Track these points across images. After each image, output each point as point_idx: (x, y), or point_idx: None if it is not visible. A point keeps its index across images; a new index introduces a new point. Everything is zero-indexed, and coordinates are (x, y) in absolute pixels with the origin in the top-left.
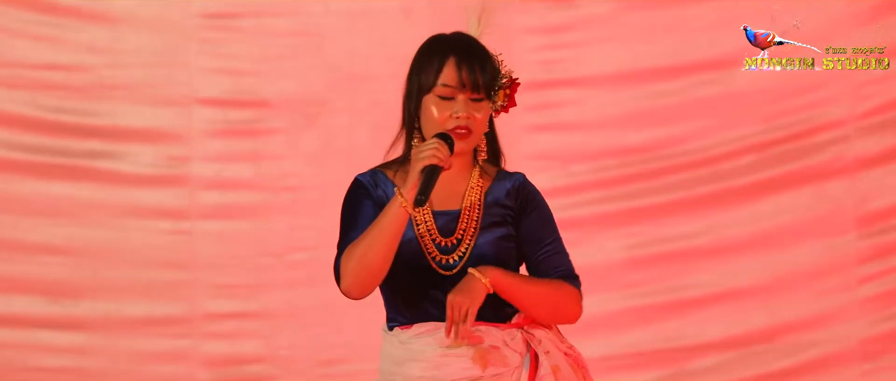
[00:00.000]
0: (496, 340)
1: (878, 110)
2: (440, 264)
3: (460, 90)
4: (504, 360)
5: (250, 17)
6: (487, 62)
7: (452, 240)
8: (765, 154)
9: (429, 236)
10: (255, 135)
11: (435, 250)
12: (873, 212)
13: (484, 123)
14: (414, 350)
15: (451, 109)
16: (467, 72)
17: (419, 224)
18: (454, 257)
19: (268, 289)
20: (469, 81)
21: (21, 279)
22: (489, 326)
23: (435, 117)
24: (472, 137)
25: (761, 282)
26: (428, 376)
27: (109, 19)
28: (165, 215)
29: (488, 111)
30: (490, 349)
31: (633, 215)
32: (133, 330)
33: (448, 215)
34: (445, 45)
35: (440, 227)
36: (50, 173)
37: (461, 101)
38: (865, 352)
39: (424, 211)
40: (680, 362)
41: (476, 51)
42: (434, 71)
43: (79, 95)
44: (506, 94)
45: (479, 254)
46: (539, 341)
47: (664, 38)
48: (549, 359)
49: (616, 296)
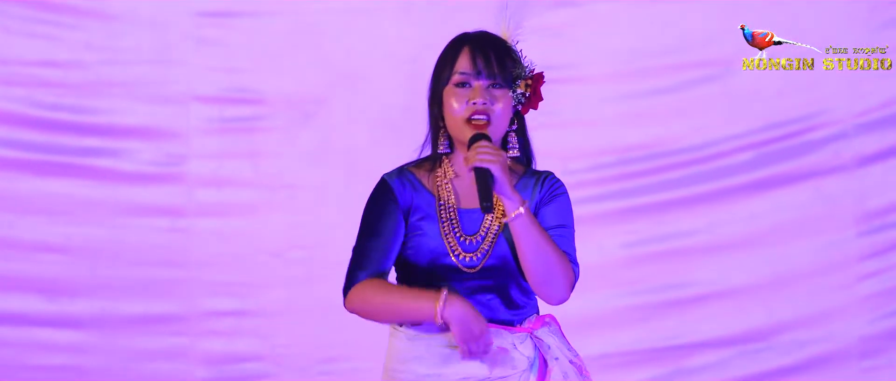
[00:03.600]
0: (505, 342)
1: (877, 108)
2: (462, 261)
3: (475, 77)
4: (511, 362)
5: (247, 15)
6: (503, 50)
7: (476, 238)
8: (763, 151)
9: (452, 234)
10: (253, 133)
11: (458, 248)
12: (872, 209)
13: (505, 115)
14: (420, 348)
15: (468, 96)
16: (482, 58)
17: (444, 222)
18: (476, 255)
19: (265, 287)
20: (484, 67)
21: (18, 277)
22: (499, 328)
23: (454, 107)
24: (491, 127)
25: (760, 280)
26: (434, 374)
27: (106, 16)
28: (163, 213)
29: (510, 102)
30: (498, 350)
31: (632, 213)
32: (130, 328)
33: (473, 213)
34: (461, 37)
35: (464, 224)
36: (47, 171)
37: (477, 88)
38: (864, 349)
39: (450, 209)
40: (679, 359)
41: (491, 39)
42: (450, 63)
43: (76, 93)
44: (527, 84)
45: (502, 253)
46: (548, 347)
47: (662, 36)
48: (559, 366)
49: (614, 294)
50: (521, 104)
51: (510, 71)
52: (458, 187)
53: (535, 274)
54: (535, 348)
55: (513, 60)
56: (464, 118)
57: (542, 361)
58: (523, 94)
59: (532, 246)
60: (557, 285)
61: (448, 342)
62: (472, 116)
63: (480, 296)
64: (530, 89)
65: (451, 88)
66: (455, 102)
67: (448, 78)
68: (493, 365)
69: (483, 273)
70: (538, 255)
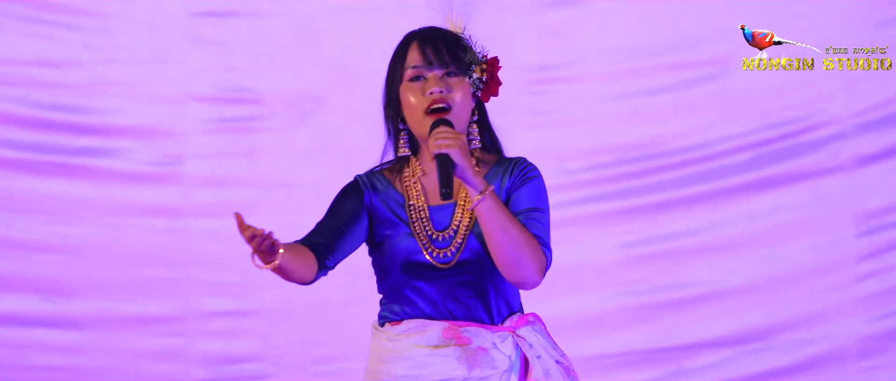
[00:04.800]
0: (485, 342)
1: (875, 107)
2: (435, 257)
3: (428, 68)
4: (491, 362)
5: (244, 14)
6: (452, 38)
7: (447, 233)
8: (761, 151)
9: (424, 232)
10: (250, 132)
11: (430, 244)
12: (870, 210)
13: (465, 103)
14: (400, 348)
15: (423, 88)
16: (431, 48)
17: (415, 221)
18: (449, 250)
19: (263, 287)
20: (435, 56)
21: (15, 277)
22: (479, 327)
23: (412, 102)
24: (452, 115)
25: (758, 280)
26: (412, 375)
27: (103, 16)
28: (160, 213)
29: (468, 89)
30: (477, 350)
31: (630, 213)
32: (128, 328)
33: (444, 209)
34: (408, 35)
35: (435, 220)
36: (44, 171)
37: (432, 78)
38: (863, 350)
39: (419, 205)
40: (677, 360)
41: (438, 30)
42: (401, 60)
43: (73, 92)
44: (483, 69)
45: (475, 246)
46: (530, 345)
47: (660, 35)
48: (541, 364)
49: (612, 294)
50: (480, 90)
51: (462, 58)
52: (427, 185)
53: (503, 259)
54: (517, 347)
55: (463, 47)
56: (423, 110)
57: (524, 361)
58: (480, 79)
59: (498, 231)
60: (526, 270)
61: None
62: (431, 106)
63: (459, 293)
64: (486, 74)
65: (406, 84)
66: (412, 97)
67: (401, 75)
68: (472, 366)
69: (459, 268)
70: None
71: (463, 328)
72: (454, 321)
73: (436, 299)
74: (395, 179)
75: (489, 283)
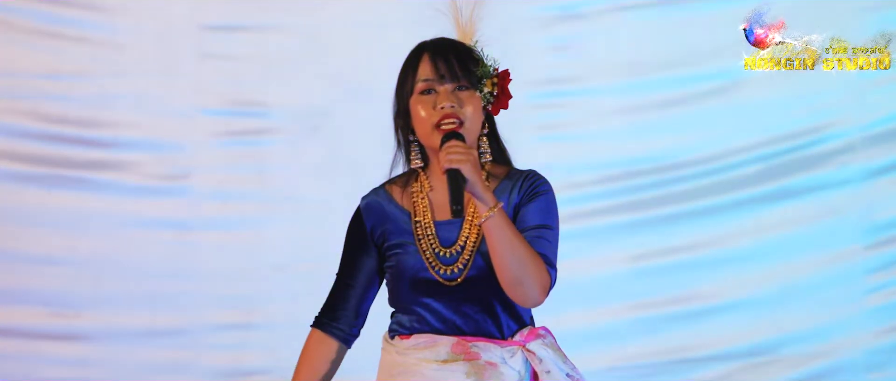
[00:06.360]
0: (494, 356)
1: (884, 120)
2: (442, 274)
3: (440, 82)
4: (500, 377)
5: (253, 28)
6: (464, 51)
7: (454, 250)
8: (770, 164)
9: (430, 249)
10: (258, 146)
11: (436, 261)
12: (879, 222)
13: (476, 117)
14: (409, 362)
15: (434, 102)
16: (443, 62)
17: (421, 238)
18: (456, 267)
19: (271, 300)
20: (446, 70)
21: (23, 290)
22: (488, 342)
23: (422, 116)
24: (464, 130)
25: (767, 292)
26: None
27: (113, 29)
28: (168, 226)
29: (479, 103)
30: (486, 365)
31: (639, 226)
32: (135, 341)
33: (450, 225)
34: (419, 46)
35: (442, 238)
36: (52, 184)
37: (443, 92)
38: (871, 362)
39: (425, 222)
40: (686, 373)
41: (450, 42)
42: (412, 72)
43: (81, 106)
44: (494, 82)
45: (483, 264)
46: (540, 360)
47: (668, 49)
48: (551, 379)
49: (622, 307)
50: (491, 104)
51: (474, 71)
52: (435, 200)
53: (506, 277)
54: (527, 362)
55: (475, 61)
56: (433, 124)
57: (534, 375)
58: (491, 93)
59: (504, 249)
60: (529, 290)
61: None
62: (442, 121)
63: (467, 308)
64: (498, 88)
65: (417, 96)
66: (422, 110)
67: (412, 88)
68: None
69: (466, 285)
70: (510, 258)
71: (472, 343)
72: (463, 336)
73: (444, 314)
74: (402, 193)
75: (497, 298)
